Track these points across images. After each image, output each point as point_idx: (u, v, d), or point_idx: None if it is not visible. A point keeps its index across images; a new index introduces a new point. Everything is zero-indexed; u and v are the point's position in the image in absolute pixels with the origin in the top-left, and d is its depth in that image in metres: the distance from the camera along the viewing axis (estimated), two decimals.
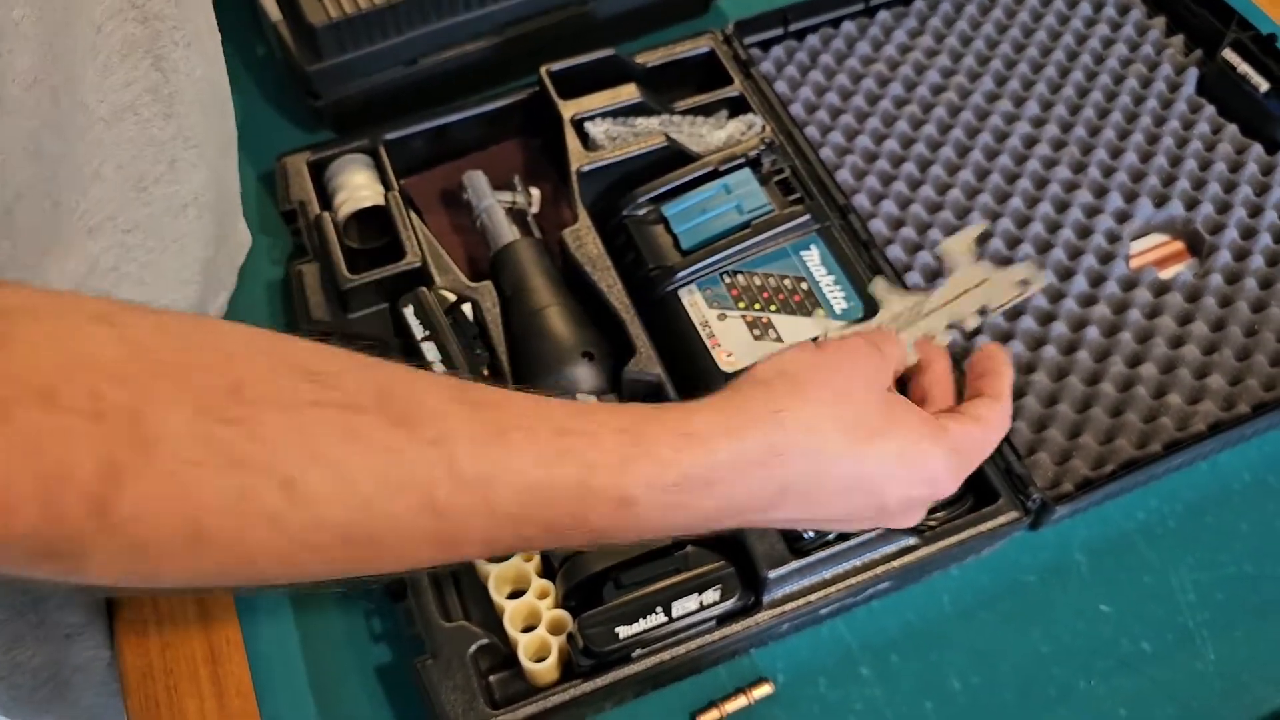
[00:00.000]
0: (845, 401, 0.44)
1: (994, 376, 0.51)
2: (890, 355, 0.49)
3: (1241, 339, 0.64)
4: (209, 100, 0.57)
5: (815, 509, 0.45)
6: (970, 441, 0.48)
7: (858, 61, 0.78)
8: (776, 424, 0.43)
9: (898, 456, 0.45)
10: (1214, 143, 0.73)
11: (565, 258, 0.65)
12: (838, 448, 0.44)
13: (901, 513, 0.48)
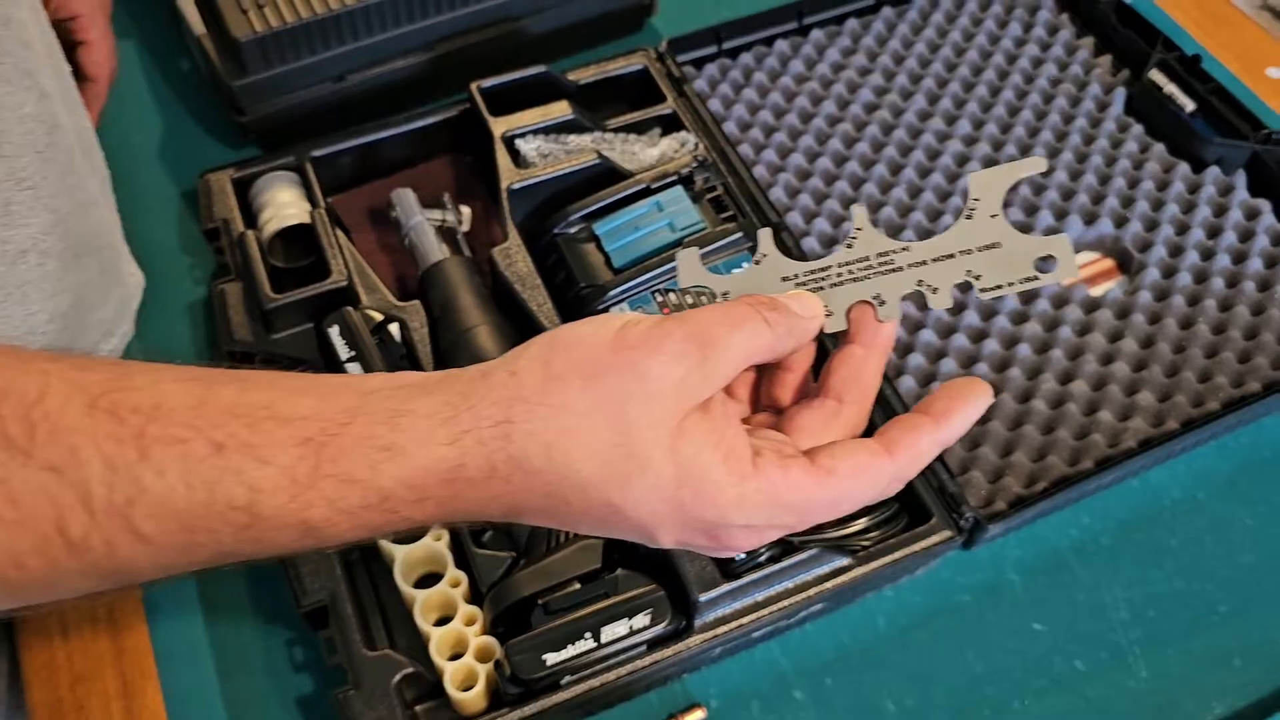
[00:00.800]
0: (611, 419, 0.35)
1: (862, 397, 0.39)
2: (732, 354, 0.36)
3: (1170, 356, 0.65)
4: (45, 140, 0.53)
5: (570, 526, 0.38)
6: (798, 498, 0.36)
7: (791, 79, 0.78)
8: (502, 440, 0.35)
9: (668, 495, 0.35)
10: (1142, 161, 0.74)
11: (495, 276, 0.63)
12: (581, 478, 0.35)
13: (688, 548, 0.39)
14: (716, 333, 0.36)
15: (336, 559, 0.54)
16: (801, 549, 0.54)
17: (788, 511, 0.37)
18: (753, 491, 0.36)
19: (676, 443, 0.35)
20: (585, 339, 0.36)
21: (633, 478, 0.35)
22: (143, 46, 0.83)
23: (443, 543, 0.55)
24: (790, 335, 0.39)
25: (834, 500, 0.37)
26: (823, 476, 0.37)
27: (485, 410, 0.35)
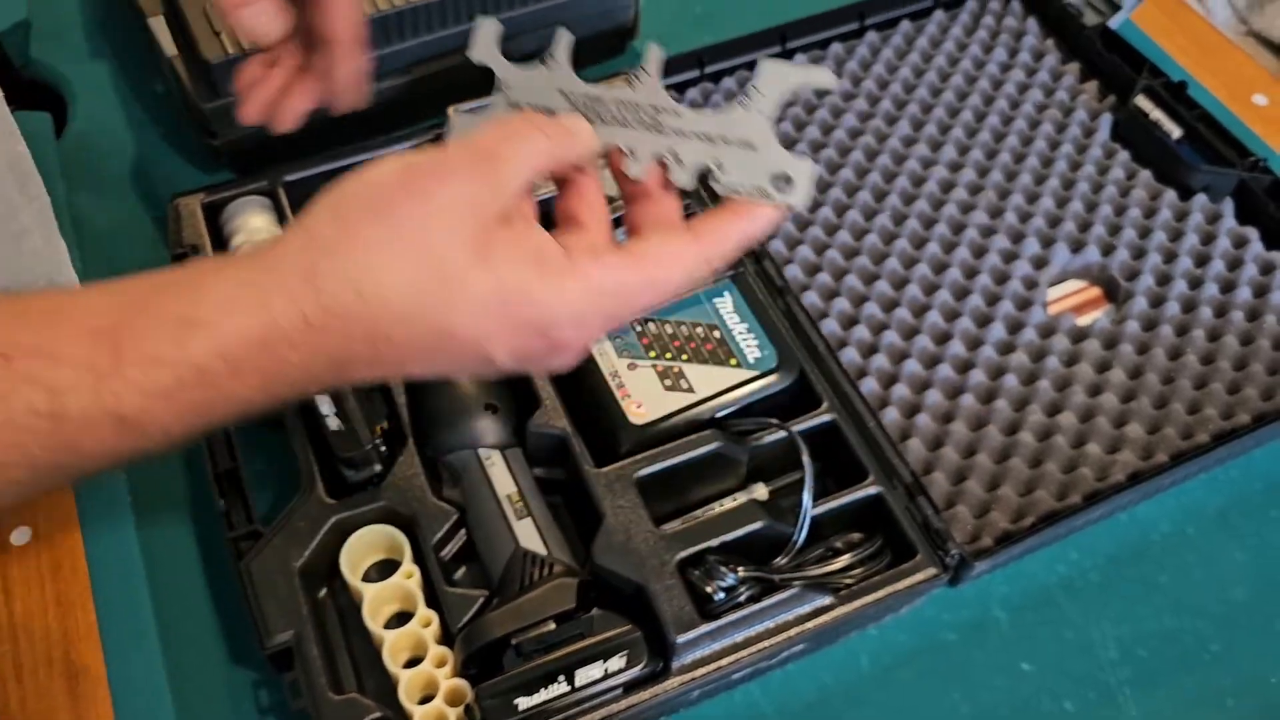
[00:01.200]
0: (413, 244, 0.35)
1: (663, 201, 0.42)
2: (516, 164, 0.38)
3: (1159, 387, 0.63)
4: None
5: (398, 370, 0.38)
6: (614, 282, 0.38)
7: None
8: (310, 290, 0.34)
9: (493, 306, 0.36)
10: (1129, 188, 0.73)
11: None
12: (399, 308, 0.35)
13: (526, 363, 0.39)
14: (499, 148, 0.38)
15: (303, 596, 0.52)
16: (782, 588, 0.53)
17: (608, 298, 0.38)
18: (571, 283, 0.37)
19: (486, 254, 0.36)
20: (371, 180, 0.37)
21: (453, 296, 0.36)
22: (115, 68, 0.81)
23: (414, 581, 0.53)
24: (566, 147, 0.41)
25: (650, 281, 0.39)
26: (635, 260, 0.39)
27: (286, 267, 0.35)
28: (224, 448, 0.59)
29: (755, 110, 0.41)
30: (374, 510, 0.55)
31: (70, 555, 0.57)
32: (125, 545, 0.58)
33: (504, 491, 0.55)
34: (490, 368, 0.39)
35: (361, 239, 0.35)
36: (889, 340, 0.65)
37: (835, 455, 0.59)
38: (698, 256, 0.40)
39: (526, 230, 0.38)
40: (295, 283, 0.35)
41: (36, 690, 0.54)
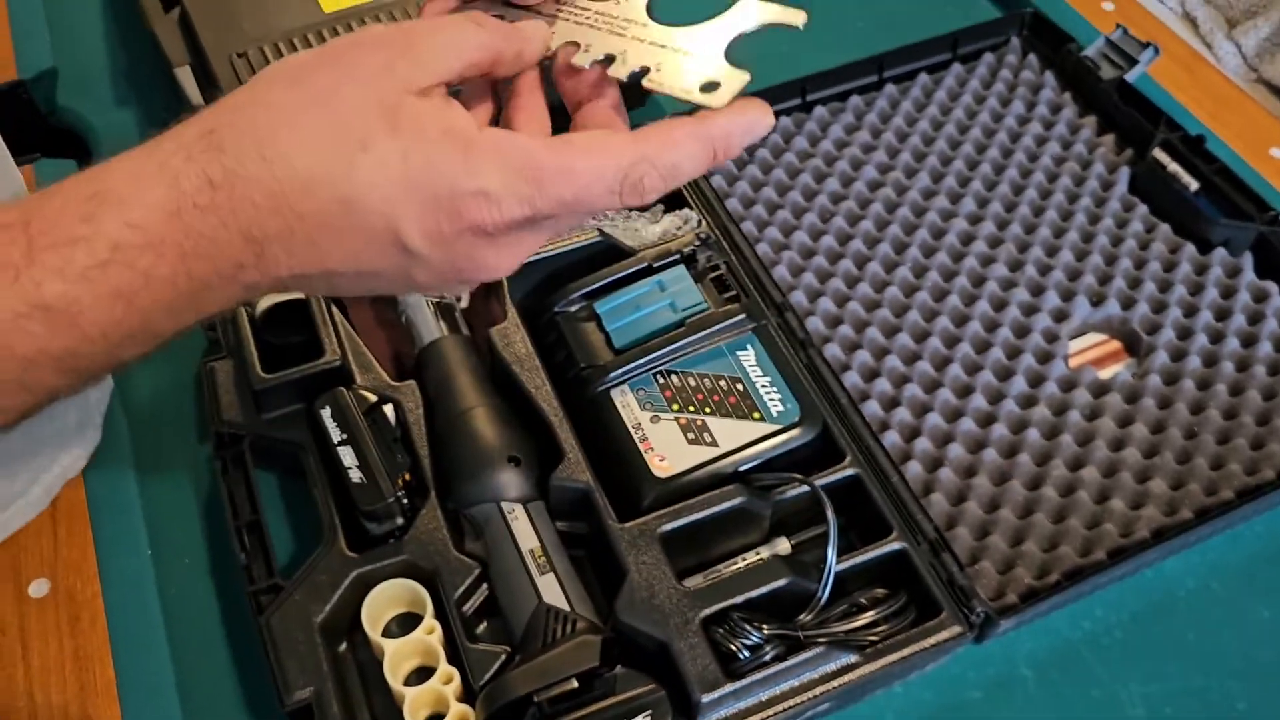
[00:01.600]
0: (321, 107, 0.34)
1: (602, 93, 0.40)
2: (440, 42, 0.37)
3: (1181, 442, 0.63)
4: None
5: (314, 259, 0.36)
6: (525, 158, 0.35)
7: (794, 156, 0.78)
8: (210, 148, 0.33)
9: (395, 172, 0.34)
10: (1148, 241, 0.73)
11: (493, 357, 0.62)
12: (303, 172, 0.33)
13: (444, 252, 0.36)
14: (421, 29, 0.37)
15: (323, 652, 0.52)
16: (807, 646, 0.52)
17: (519, 176, 0.35)
18: (479, 154, 0.35)
19: (395, 120, 0.34)
20: (293, 57, 0.36)
21: (355, 158, 0.34)
22: (140, 116, 0.82)
23: (435, 636, 0.53)
24: (507, 39, 0.39)
25: (570, 168, 0.36)
26: (556, 142, 0.36)
27: (188, 130, 0.34)
28: (246, 498, 0.59)
29: (717, 28, 0.41)
30: (395, 564, 0.55)
31: (89, 608, 0.57)
32: (145, 598, 0.58)
33: (527, 546, 0.55)
34: (410, 259, 0.36)
35: (269, 102, 0.35)
36: (911, 393, 0.65)
37: (858, 510, 0.58)
38: (636, 155, 0.37)
39: (444, 105, 0.36)
40: (196, 143, 0.34)
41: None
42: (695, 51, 0.40)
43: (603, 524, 0.55)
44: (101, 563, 0.58)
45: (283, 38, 0.71)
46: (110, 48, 0.87)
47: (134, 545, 0.59)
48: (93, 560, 0.58)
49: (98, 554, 0.59)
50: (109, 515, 0.60)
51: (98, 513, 0.60)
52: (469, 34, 0.38)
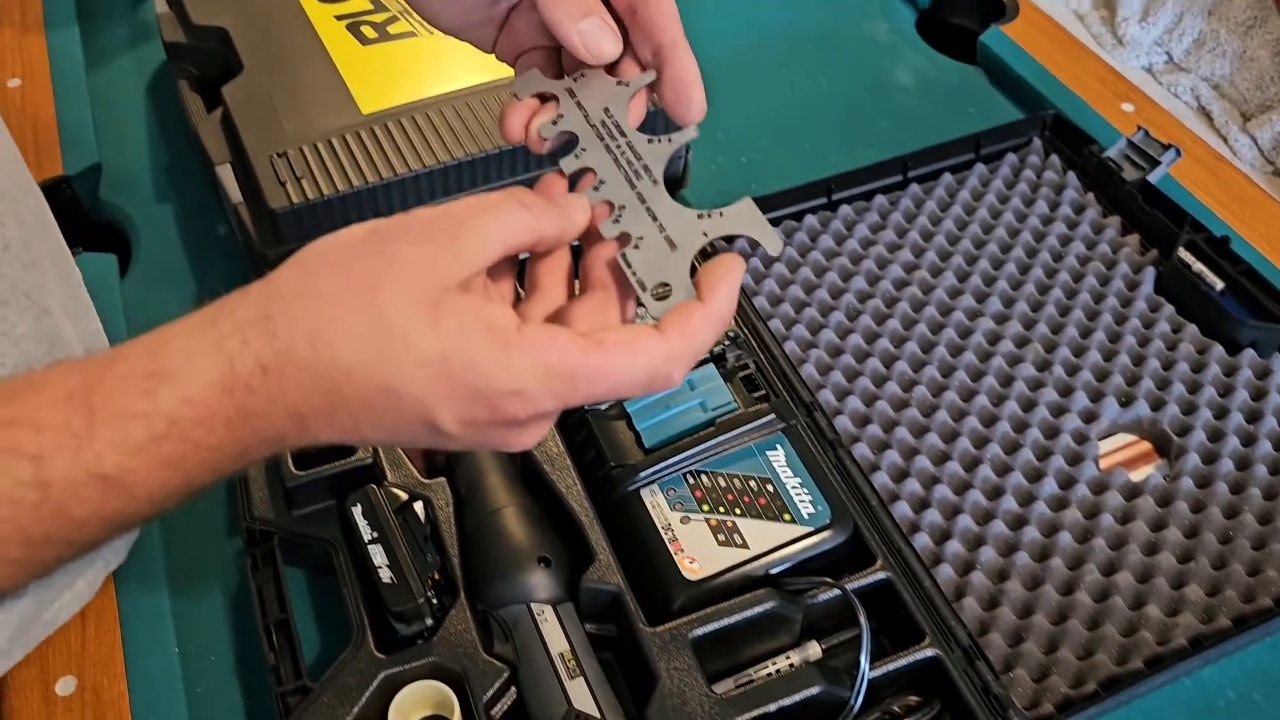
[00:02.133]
0: (365, 300, 0.36)
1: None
2: (484, 233, 0.38)
3: (1217, 546, 0.63)
4: (44, 356, 0.52)
5: (355, 431, 0.38)
6: (563, 364, 0.37)
7: (820, 254, 0.79)
8: (265, 335, 0.35)
9: (436, 369, 0.36)
10: (1175, 342, 0.73)
11: (524, 456, 0.62)
12: (348, 362, 0.36)
13: (478, 433, 0.38)
14: (468, 216, 0.38)
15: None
16: None
17: (556, 378, 0.37)
18: (518, 357, 0.36)
19: (436, 317, 0.36)
20: (340, 238, 0.37)
21: (398, 355, 0.36)
22: (179, 212, 0.84)
23: None
24: (551, 222, 0.40)
25: (603, 369, 0.37)
26: (590, 345, 0.37)
27: (243, 313, 0.36)
28: (275, 597, 0.59)
29: (706, 225, 0.42)
30: (424, 665, 0.54)
31: (115, 708, 0.56)
32: (172, 698, 0.57)
33: (556, 649, 0.54)
34: (441, 436, 0.38)
35: (317, 291, 0.36)
36: (941, 494, 0.64)
37: (890, 614, 0.58)
38: (665, 354, 0.38)
39: (483, 299, 0.38)
40: (251, 328, 0.36)
41: None
42: (677, 240, 0.41)
43: (633, 627, 0.55)
44: (129, 661, 0.58)
45: (321, 137, 0.73)
46: (153, 145, 0.89)
47: (162, 643, 0.59)
48: (120, 658, 0.58)
49: (125, 652, 0.58)
50: (138, 612, 0.60)
51: (127, 609, 0.60)
52: (514, 219, 0.39)
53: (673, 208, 0.42)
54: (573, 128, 0.44)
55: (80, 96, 0.90)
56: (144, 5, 1.02)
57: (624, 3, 0.45)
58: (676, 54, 0.45)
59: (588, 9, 0.44)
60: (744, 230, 0.42)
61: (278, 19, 0.81)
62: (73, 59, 0.94)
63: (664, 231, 0.42)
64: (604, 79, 0.45)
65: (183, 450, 0.36)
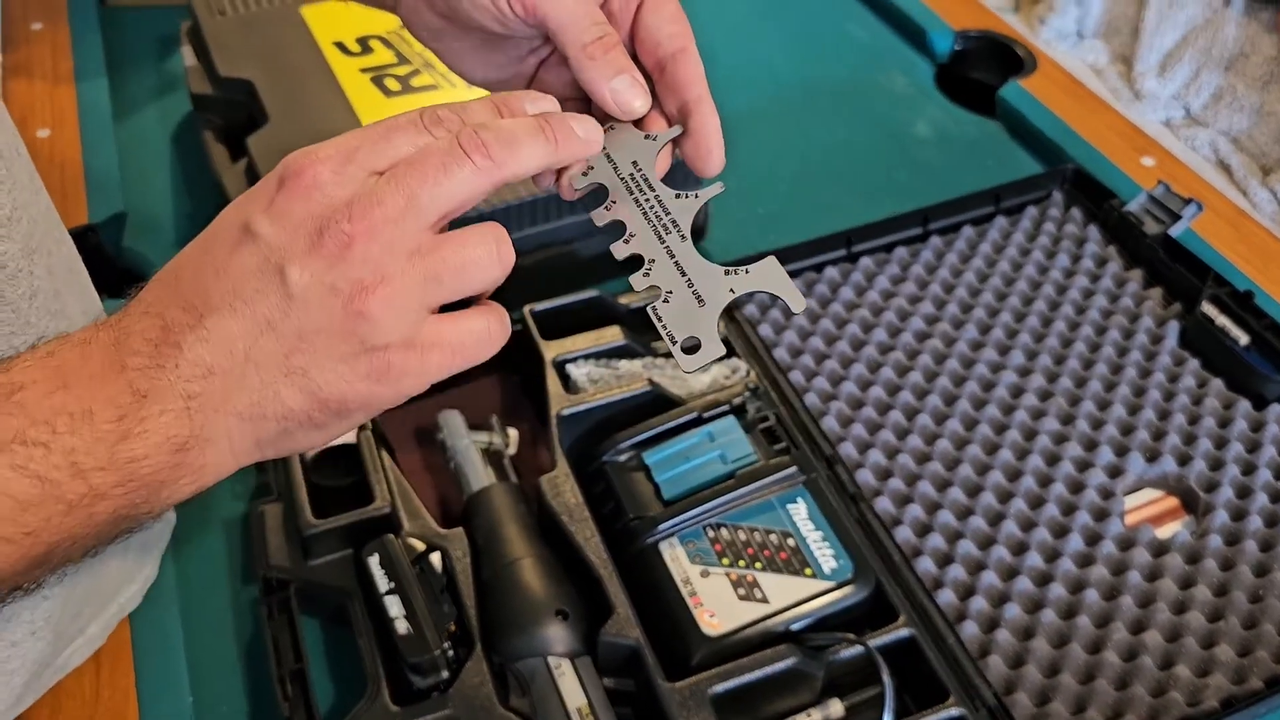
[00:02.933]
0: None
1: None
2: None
3: (1247, 605, 0.61)
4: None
5: (199, 307, 0.38)
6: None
7: (841, 306, 0.78)
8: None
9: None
10: (1201, 397, 0.72)
11: (541, 506, 0.62)
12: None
13: (287, 226, 0.39)
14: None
15: None
16: None
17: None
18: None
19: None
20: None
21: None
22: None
23: None
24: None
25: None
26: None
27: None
28: (290, 646, 0.58)
29: (733, 281, 0.42)
30: (439, 719, 0.54)
31: None
32: None
33: (574, 704, 0.53)
34: (256, 240, 0.38)
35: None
36: (965, 550, 0.63)
37: (913, 671, 0.57)
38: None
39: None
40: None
41: None
42: (705, 296, 0.42)
43: (652, 683, 0.54)
44: (143, 708, 0.57)
45: None
46: (177, 194, 0.90)
47: (176, 691, 0.59)
48: (134, 706, 0.57)
49: (139, 699, 0.58)
50: (152, 659, 0.59)
51: (141, 656, 0.59)
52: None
53: (700, 263, 0.43)
54: (603, 180, 0.45)
55: (107, 146, 0.92)
56: (171, 58, 1.04)
57: (652, 59, 0.46)
58: (701, 110, 0.46)
59: (620, 67, 0.45)
60: (768, 288, 0.43)
61: (303, 72, 0.83)
62: (101, 109, 0.95)
63: (692, 287, 0.42)
64: (632, 132, 0.46)
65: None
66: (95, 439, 0.36)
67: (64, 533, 0.37)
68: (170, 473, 0.38)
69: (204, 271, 0.38)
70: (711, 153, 0.45)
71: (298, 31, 0.86)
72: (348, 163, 0.39)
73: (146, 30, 1.07)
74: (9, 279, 0.45)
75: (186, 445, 0.38)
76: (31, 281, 0.46)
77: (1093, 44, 1.20)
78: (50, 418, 0.36)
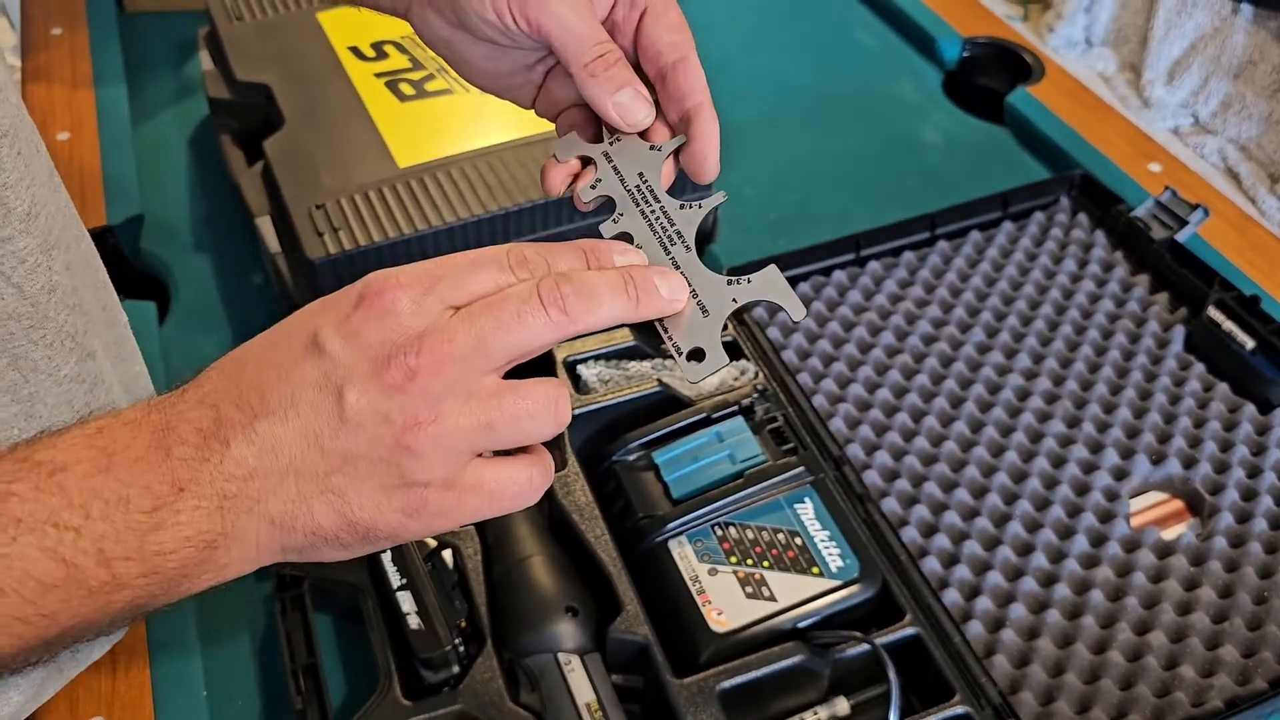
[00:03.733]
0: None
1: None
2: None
3: (1252, 607, 0.62)
4: (83, 401, 0.52)
5: (256, 407, 0.38)
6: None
7: (849, 309, 0.79)
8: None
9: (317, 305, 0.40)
10: (1207, 400, 0.73)
11: (552, 504, 0.63)
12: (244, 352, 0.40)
13: (356, 346, 0.38)
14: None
15: None
16: None
17: (418, 267, 0.39)
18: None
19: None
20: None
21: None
22: (218, 261, 0.86)
23: None
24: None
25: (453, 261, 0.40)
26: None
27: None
28: (303, 641, 0.59)
29: (735, 291, 0.43)
30: (449, 714, 0.54)
31: None
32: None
33: (583, 699, 0.54)
34: (324, 357, 0.38)
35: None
36: (970, 550, 0.64)
37: (919, 670, 0.57)
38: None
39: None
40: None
41: None
42: (709, 306, 0.43)
43: (660, 679, 0.54)
44: (157, 702, 0.58)
45: (359, 190, 0.75)
46: (194, 197, 0.91)
47: (190, 685, 0.59)
48: (149, 699, 0.58)
49: (154, 693, 0.59)
50: (167, 653, 0.60)
51: (156, 651, 0.60)
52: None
53: (704, 274, 0.44)
54: (610, 192, 0.46)
55: (125, 149, 0.93)
56: (189, 62, 1.06)
57: (654, 68, 0.47)
58: (700, 117, 0.46)
59: (622, 81, 0.46)
60: (769, 296, 0.43)
61: (318, 76, 0.84)
62: (119, 113, 0.97)
63: (696, 297, 0.43)
64: (638, 143, 0.47)
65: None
66: (127, 528, 0.36)
67: (79, 618, 0.37)
68: (195, 568, 0.38)
69: (266, 373, 0.38)
70: (707, 160, 0.46)
71: (314, 36, 0.88)
72: (427, 294, 0.38)
73: (164, 35, 1.09)
74: (28, 273, 0.46)
75: (215, 543, 0.38)
76: (50, 276, 0.47)
77: (1101, 52, 1.21)
78: (87, 501, 0.36)
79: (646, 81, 0.47)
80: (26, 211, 0.46)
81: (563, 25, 0.45)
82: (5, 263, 0.46)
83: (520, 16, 0.45)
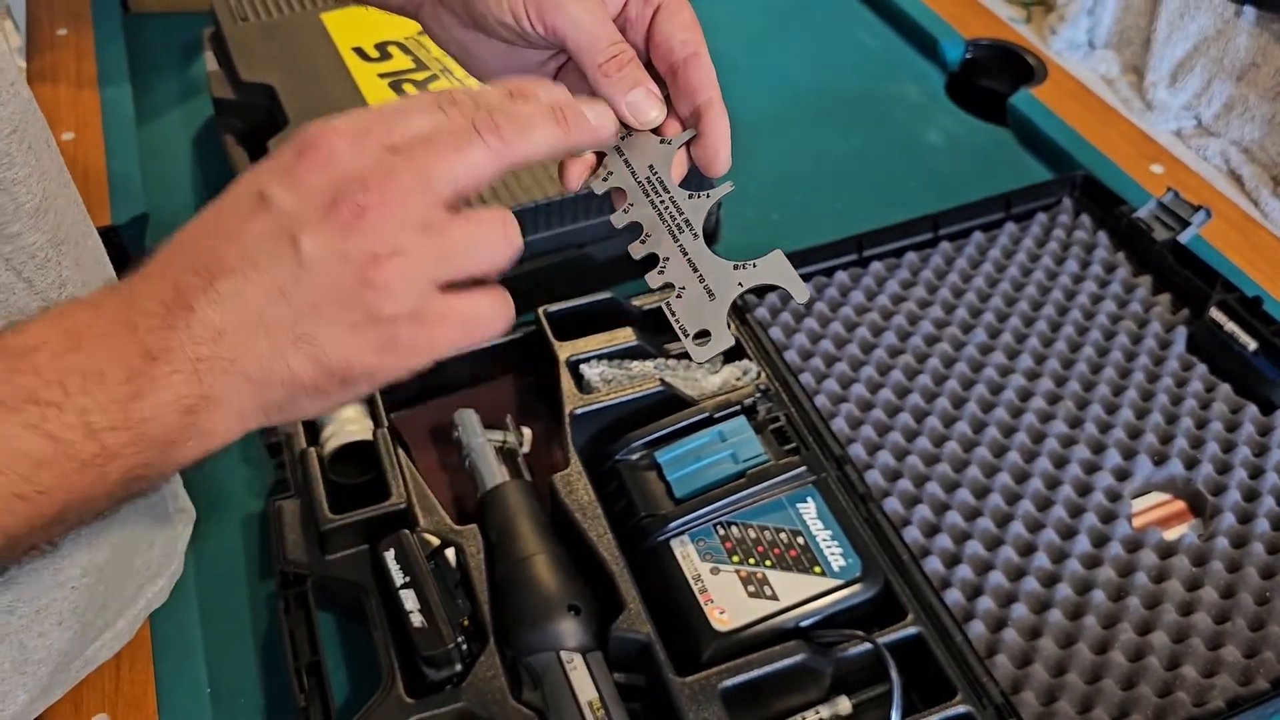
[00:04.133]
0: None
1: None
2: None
3: (1253, 607, 0.62)
4: None
5: (212, 267, 0.38)
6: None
7: (851, 309, 0.79)
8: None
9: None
10: (1209, 401, 0.73)
11: (555, 503, 0.63)
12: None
13: (299, 193, 0.39)
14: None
15: None
16: None
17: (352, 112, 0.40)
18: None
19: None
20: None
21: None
22: None
23: None
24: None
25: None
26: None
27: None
28: (306, 639, 0.59)
29: (741, 275, 0.45)
30: (452, 711, 0.54)
31: None
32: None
33: (585, 697, 0.54)
34: (271, 209, 0.38)
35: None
36: (972, 550, 0.64)
37: (920, 669, 0.57)
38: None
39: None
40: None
41: None
42: (715, 290, 0.45)
43: (662, 677, 0.55)
44: (161, 700, 0.59)
45: None
46: (198, 196, 0.92)
47: (194, 683, 0.60)
48: (153, 697, 0.59)
49: (158, 691, 0.59)
50: (171, 652, 0.61)
51: (160, 649, 0.60)
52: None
53: (711, 259, 0.45)
54: (621, 184, 0.47)
55: (130, 149, 0.93)
56: (193, 63, 1.06)
57: (666, 65, 0.48)
58: (711, 113, 0.47)
59: (635, 81, 0.47)
60: (774, 280, 0.45)
61: (323, 76, 0.84)
62: (124, 113, 0.97)
63: (704, 282, 0.45)
64: (649, 137, 0.48)
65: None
66: (108, 399, 0.37)
67: (77, 492, 0.38)
68: (180, 434, 0.38)
69: (217, 236, 0.39)
70: (719, 154, 0.47)
71: (318, 37, 0.88)
72: (364, 137, 0.39)
73: (169, 36, 1.09)
74: (39, 268, 0.46)
75: (196, 408, 0.38)
76: (60, 271, 0.47)
77: (1104, 54, 1.21)
78: (63, 378, 0.37)
79: (658, 77, 0.48)
80: (37, 207, 0.46)
81: (577, 26, 0.46)
82: (15, 258, 0.46)
83: (536, 19, 0.46)
